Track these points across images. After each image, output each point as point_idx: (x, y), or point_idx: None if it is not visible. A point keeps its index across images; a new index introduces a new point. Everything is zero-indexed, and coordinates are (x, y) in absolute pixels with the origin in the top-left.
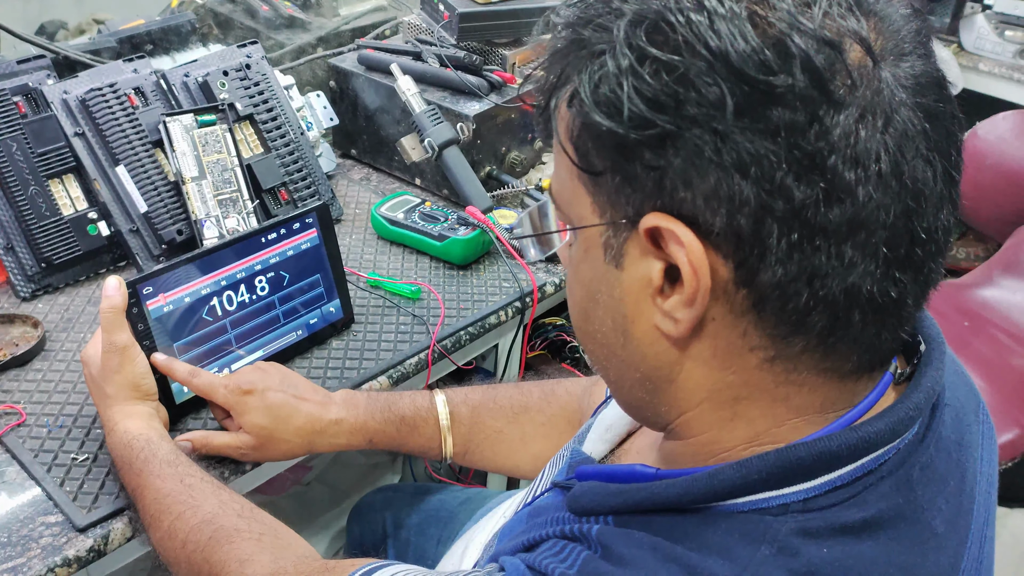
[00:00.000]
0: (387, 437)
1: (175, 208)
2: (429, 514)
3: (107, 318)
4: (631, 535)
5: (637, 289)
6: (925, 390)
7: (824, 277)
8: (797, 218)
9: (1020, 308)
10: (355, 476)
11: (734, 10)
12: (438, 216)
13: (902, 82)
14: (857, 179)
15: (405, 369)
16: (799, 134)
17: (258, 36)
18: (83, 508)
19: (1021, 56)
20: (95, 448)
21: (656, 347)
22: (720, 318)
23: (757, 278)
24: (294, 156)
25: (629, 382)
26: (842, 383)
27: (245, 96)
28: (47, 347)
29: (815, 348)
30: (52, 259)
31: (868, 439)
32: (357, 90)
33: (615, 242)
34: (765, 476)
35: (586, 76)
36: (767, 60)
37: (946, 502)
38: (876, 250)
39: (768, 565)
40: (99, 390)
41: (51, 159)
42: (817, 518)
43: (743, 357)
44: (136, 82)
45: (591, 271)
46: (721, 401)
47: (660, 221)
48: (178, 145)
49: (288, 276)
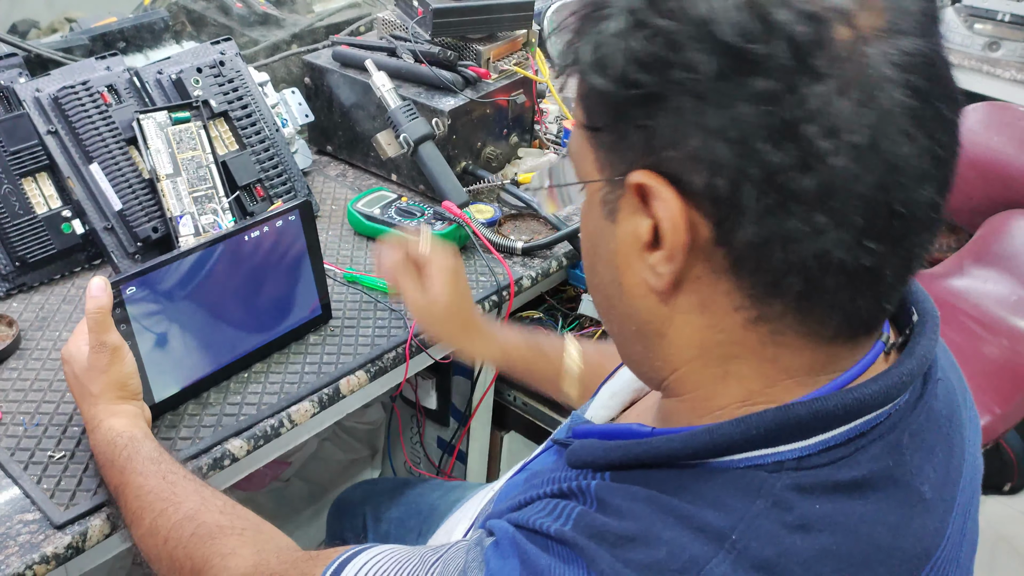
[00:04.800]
0: (520, 356)
1: (150, 206)
2: (409, 507)
3: (94, 318)
4: (628, 489)
5: (628, 243)
6: (918, 358)
7: (796, 241)
8: (771, 183)
9: (990, 297)
10: (334, 472)
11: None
12: (414, 211)
13: (892, 59)
14: (832, 149)
15: (383, 363)
16: (776, 102)
17: (232, 33)
18: (61, 505)
19: (990, 49)
20: (72, 446)
21: (646, 301)
22: (704, 276)
23: (734, 238)
24: (269, 153)
25: (627, 335)
26: (828, 347)
27: (219, 93)
28: (22, 346)
29: (794, 311)
30: (26, 258)
31: (862, 401)
32: (332, 86)
33: (611, 198)
34: (764, 432)
35: (590, 37)
36: (750, 29)
37: (933, 471)
38: (848, 219)
39: (762, 518)
40: (83, 388)
41: (24, 157)
42: (811, 476)
43: (729, 316)
44: (109, 80)
45: (593, 225)
46: (711, 358)
47: (645, 178)
48: (152, 143)
49: (269, 273)
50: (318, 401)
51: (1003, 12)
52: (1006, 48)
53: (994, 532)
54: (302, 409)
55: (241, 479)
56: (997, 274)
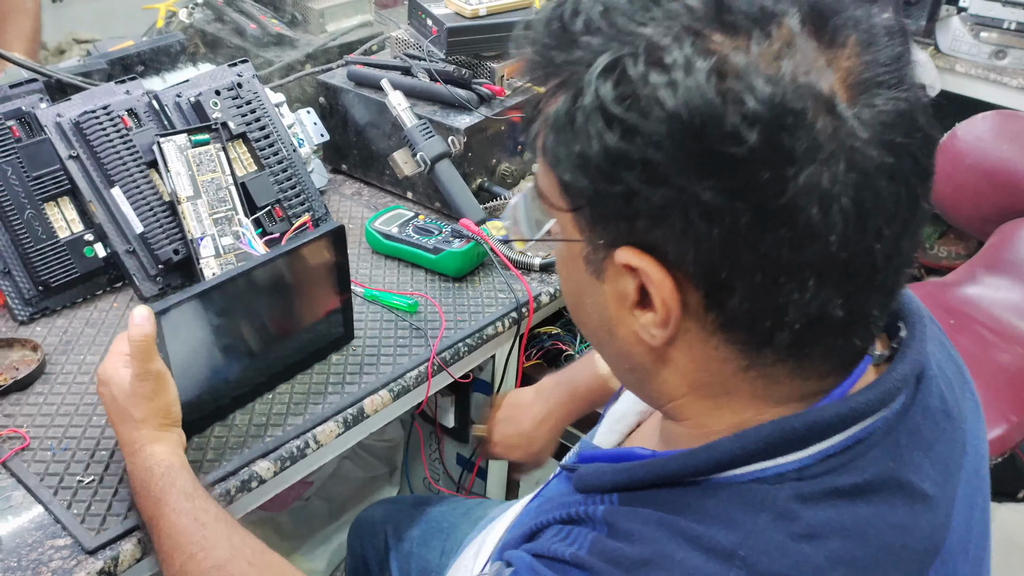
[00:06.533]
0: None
1: (171, 228)
2: (431, 525)
3: (140, 347)
4: (636, 512)
5: (617, 301)
6: (910, 362)
7: (787, 307)
8: (762, 260)
9: (1003, 305)
10: (353, 490)
11: (694, 64)
12: (432, 229)
13: (866, 120)
14: (820, 220)
15: (406, 382)
16: (762, 192)
17: (247, 54)
18: (91, 530)
19: (997, 57)
20: (100, 470)
21: (638, 348)
22: (694, 331)
23: (725, 306)
24: (287, 173)
25: (621, 369)
26: (820, 381)
27: (237, 115)
28: (47, 370)
29: (786, 359)
30: (49, 282)
31: (858, 408)
32: (347, 106)
33: (594, 258)
34: (762, 446)
35: (555, 118)
36: (726, 126)
37: (932, 467)
38: (838, 280)
39: (769, 530)
40: (123, 412)
41: (46, 182)
42: (812, 485)
43: (719, 365)
44: (129, 103)
45: (576, 275)
46: (704, 395)
47: (632, 259)
48: (172, 165)
49: (298, 295)
50: (343, 421)
51: (1009, 20)
52: (1012, 56)
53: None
54: (327, 429)
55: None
56: (1009, 282)
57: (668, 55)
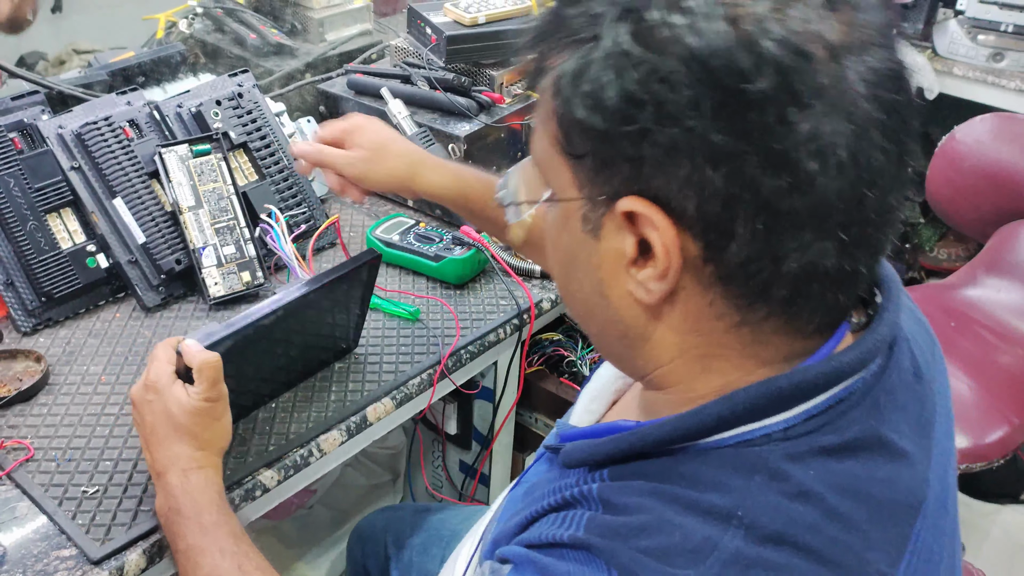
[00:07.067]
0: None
1: (173, 238)
2: (431, 533)
3: (214, 367)
4: (629, 485)
5: (613, 259)
6: (888, 324)
7: (785, 257)
8: (763, 207)
9: (1004, 306)
10: (356, 497)
11: (714, 10)
12: (433, 237)
13: (863, 76)
14: (818, 170)
15: (408, 390)
16: (769, 133)
17: (247, 64)
18: (97, 540)
19: (994, 59)
20: (105, 480)
21: (632, 310)
22: (690, 287)
23: (724, 256)
24: (288, 182)
25: (609, 337)
26: (806, 340)
27: (238, 124)
28: (51, 381)
29: (779, 314)
30: (52, 293)
31: (840, 368)
32: (346, 114)
33: (593, 215)
34: (749, 406)
35: (570, 65)
36: (741, 66)
37: (908, 426)
38: (833, 232)
39: (764, 491)
40: (180, 427)
41: (48, 194)
42: (799, 444)
43: (711, 322)
44: (130, 114)
45: (570, 238)
46: (693, 357)
47: (636, 206)
48: (174, 175)
49: (323, 318)
50: (346, 429)
51: (1006, 23)
52: (1010, 58)
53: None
54: (331, 438)
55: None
56: (1010, 283)
57: (685, 1)
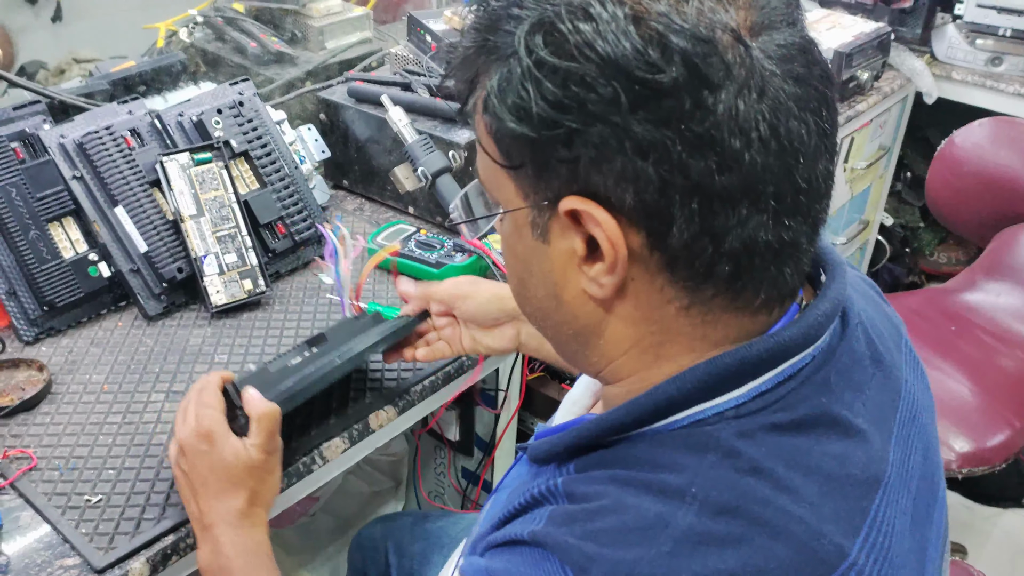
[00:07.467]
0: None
1: (174, 246)
2: (431, 542)
3: (274, 422)
4: (590, 476)
5: (564, 260)
6: (830, 300)
7: (724, 234)
8: (695, 189)
9: (1004, 310)
10: (358, 505)
11: (616, 14)
12: (434, 244)
13: (770, 54)
14: (742, 146)
15: (411, 397)
16: (687, 118)
17: (247, 72)
18: (100, 549)
19: (993, 64)
20: (108, 489)
21: (585, 308)
22: (638, 277)
23: (666, 241)
24: (289, 190)
25: (564, 337)
26: (754, 317)
27: (239, 133)
28: (53, 390)
29: (725, 292)
30: (54, 302)
31: (783, 343)
32: (347, 122)
33: (540, 221)
34: (698, 385)
35: (495, 82)
36: (650, 59)
37: (863, 406)
38: (766, 204)
39: (716, 468)
40: (235, 478)
41: (50, 203)
42: (750, 422)
43: (662, 308)
44: (131, 123)
45: (522, 246)
46: (645, 347)
47: (577, 204)
48: (175, 184)
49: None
50: (348, 437)
51: (1004, 27)
52: (1009, 63)
53: (1014, 544)
54: (333, 445)
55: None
56: (1010, 287)
57: (592, 9)
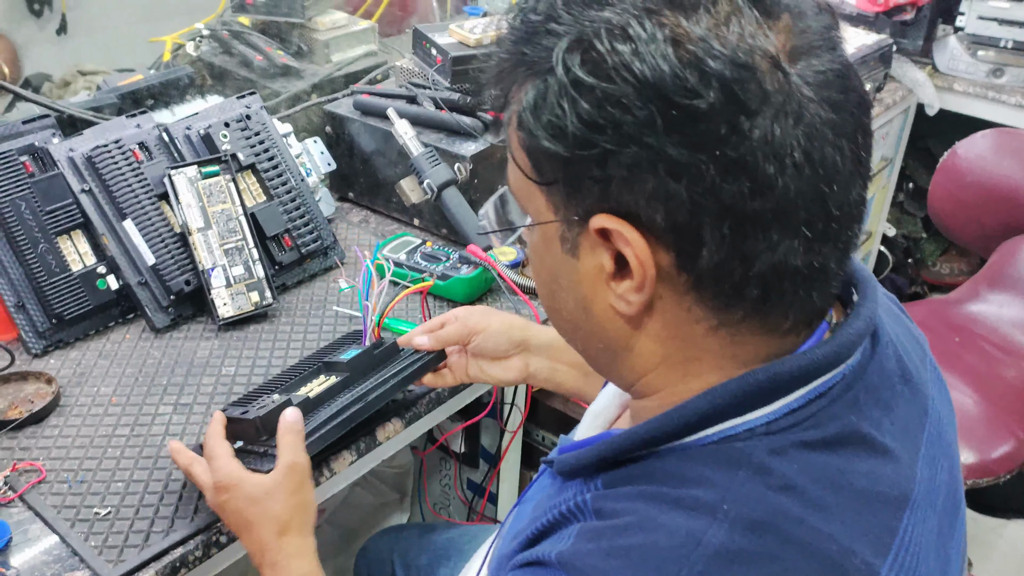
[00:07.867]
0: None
1: (182, 259)
2: (438, 553)
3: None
4: (619, 491)
5: (593, 275)
6: (863, 319)
7: (754, 257)
8: (727, 212)
9: (1008, 321)
10: (363, 516)
11: (656, 36)
12: (440, 256)
13: (808, 80)
14: (776, 172)
15: (417, 410)
16: (723, 143)
17: (254, 86)
18: (109, 562)
19: (994, 75)
20: (117, 501)
21: (614, 323)
22: (667, 296)
23: (696, 263)
24: (296, 203)
25: (594, 350)
26: (783, 339)
27: (246, 146)
28: (62, 403)
29: (753, 315)
30: (63, 315)
31: (816, 361)
32: (353, 135)
33: (569, 235)
34: (729, 401)
35: (530, 97)
36: (688, 84)
37: (891, 424)
38: (797, 230)
39: (747, 485)
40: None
41: (59, 216)
42: (781, 439)
43: (690, 327)
44: (140, 137)
45: (551, 259)
46: (674, 363)
47: (607, 223)
48: (183, 197)
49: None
50: (356, 449)
51: (1006, 39)
52: (1010, 74)
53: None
54: (340, 457)
55: None
56: (1013, 298)
57: (630, 30)
